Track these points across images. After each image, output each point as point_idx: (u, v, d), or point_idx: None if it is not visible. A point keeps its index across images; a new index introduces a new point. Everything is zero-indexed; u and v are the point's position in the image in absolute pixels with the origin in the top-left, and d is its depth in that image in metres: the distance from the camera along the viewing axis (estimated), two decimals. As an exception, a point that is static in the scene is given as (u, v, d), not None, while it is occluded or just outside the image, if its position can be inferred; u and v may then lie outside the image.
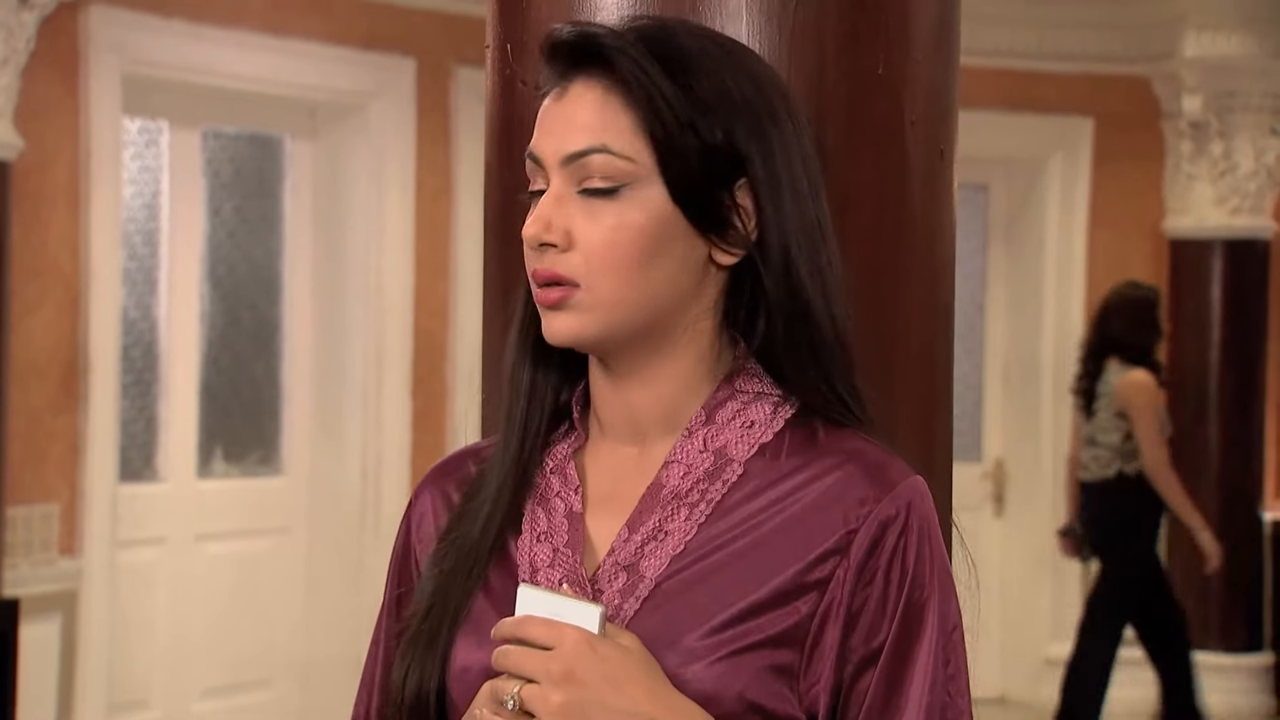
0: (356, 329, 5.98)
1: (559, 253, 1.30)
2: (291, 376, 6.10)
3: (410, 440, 5.99)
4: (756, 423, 1.34)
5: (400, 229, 5.98)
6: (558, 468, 1.38)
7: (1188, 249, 6.93)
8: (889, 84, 1.71)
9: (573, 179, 1.31)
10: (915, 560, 1.28)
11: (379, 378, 5.96)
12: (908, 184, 1.73)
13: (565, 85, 1.32)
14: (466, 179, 6.08)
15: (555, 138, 1.31)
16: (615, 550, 1.32)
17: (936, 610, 1.28)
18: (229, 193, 6.02)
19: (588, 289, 1.30)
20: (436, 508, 1.43)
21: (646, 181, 1.30)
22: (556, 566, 1.33)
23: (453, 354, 6.08)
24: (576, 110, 1.31)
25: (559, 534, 1.35)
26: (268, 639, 5.99)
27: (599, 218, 1.30)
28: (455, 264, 6.08)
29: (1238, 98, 6.77)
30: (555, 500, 1.36)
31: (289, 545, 6.06)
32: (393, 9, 5.93)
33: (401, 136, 5.98)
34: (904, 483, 1.31)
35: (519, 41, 1.77)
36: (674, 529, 1.31)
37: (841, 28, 1.69)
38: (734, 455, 1.33)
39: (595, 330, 1.31)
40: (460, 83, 6.06)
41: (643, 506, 1.33)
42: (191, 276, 5.87)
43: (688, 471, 1.33)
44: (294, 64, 5.81)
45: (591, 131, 1.30)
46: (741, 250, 1.33)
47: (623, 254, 1.29)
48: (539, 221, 1.30)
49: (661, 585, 1.29)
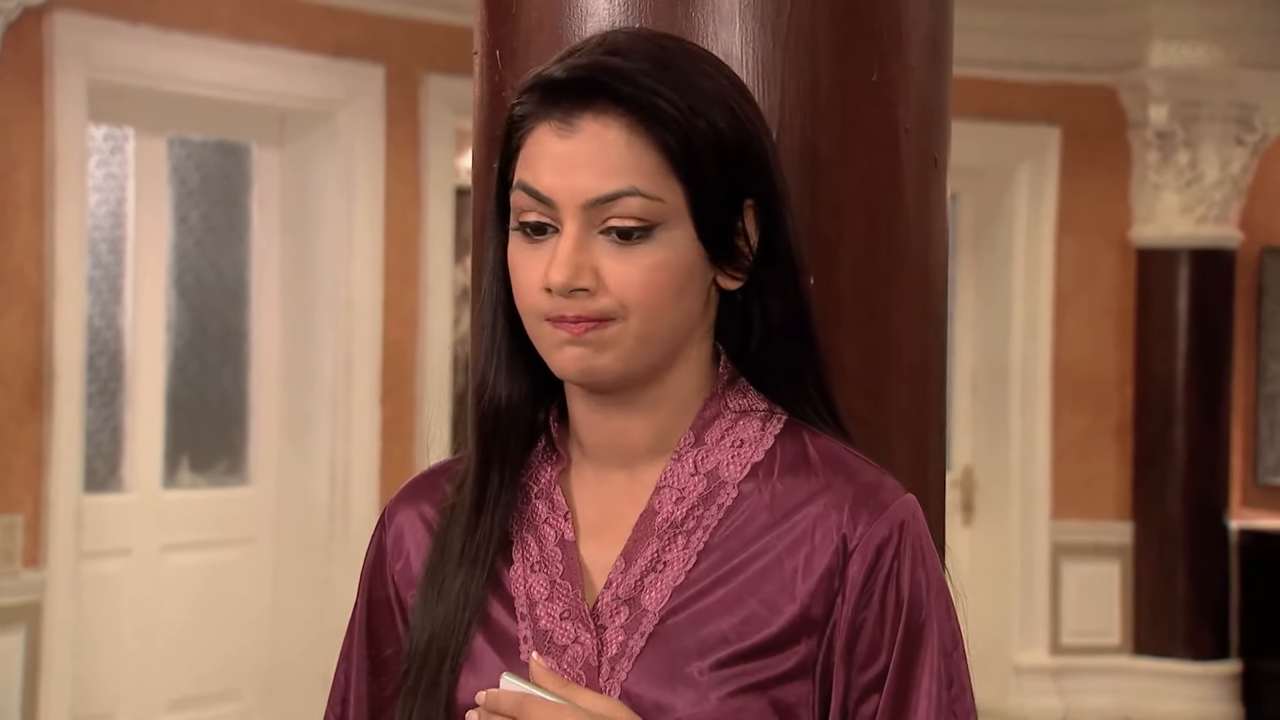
0: (325, 338, 5.94)
1: (589, 296, 1.27)
2: (259, 386, 6.05)
3: (379, 450, 5.95)
4: (746, 441, 1.32)
5: (369, 237, 5.94)
6: (543, 493, 1.35)
7: (1154, 258, 6.95)
8: (883, 91, 1.69)
9: (594, 220, 1.27)
10: (911, 582, 1.27)
11: (347, 387, 5.92)
12: (901, 192, 1.72)
13: (573, 121, 1.27)
14: (436, 187, 6.05)
15: (572, 179, 1.27)
16: (613, 582, 1.30)
17: (936, 631, 1.27)
18: (196, 201, 5.98)
19: (622, 325, 1.27)
20: (414, 526, 1.40)
21: (675, 220, 1.28)
22: (555, 600, 1.31)
23: (422, 363, 6.05)
24: (597, 150, 1.27)
25: (553, 564, 1.32)
26: (234, 650, 5.94)
27: (631, 259, 1.27)
28: (424, 273, 6.04)
29: (1203, 107, 6.80)
30: (544, 527, 1.34)
31: (256, 556, 6.02)
32: (362, 16, 5.90)
33: (370, 144, 5.94)
34: (896, 502, 1.30)
35: (508, 48, 1.74)
36: (672, 559, 1.29)
37: (834, 34, 1.67)
38: (726, 477, 1.31)
39: (621, 368, 1.29)
40: (429, 90, 6.03)
41: (637, 535, 1.31)
42: (157, 285, 5.82)
43: (680, 497, 1.31)
44: (262, 71, 5.77)
45: (620, 174, 1.26)
46: (744, 274, 1.32)
47: (658, 294, 1.27)
48: (567, 267, 1.26)
49: (665, 620, 1.27)
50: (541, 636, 1.30)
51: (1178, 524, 6.85)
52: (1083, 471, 6.97)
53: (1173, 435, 6.88)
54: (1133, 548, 6.97)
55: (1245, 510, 7.06)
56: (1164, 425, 6.90)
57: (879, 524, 1.28)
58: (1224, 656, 6.90)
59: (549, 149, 1.28)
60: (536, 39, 1.71)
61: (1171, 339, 6.88)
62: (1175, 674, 6.87)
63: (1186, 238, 6.88)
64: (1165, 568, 6.97)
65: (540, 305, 1.28)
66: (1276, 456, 7.16)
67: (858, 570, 1.27)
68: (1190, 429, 6.86)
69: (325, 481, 5.94)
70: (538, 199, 1.28)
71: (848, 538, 1.27)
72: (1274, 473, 7.14)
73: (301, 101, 5.93)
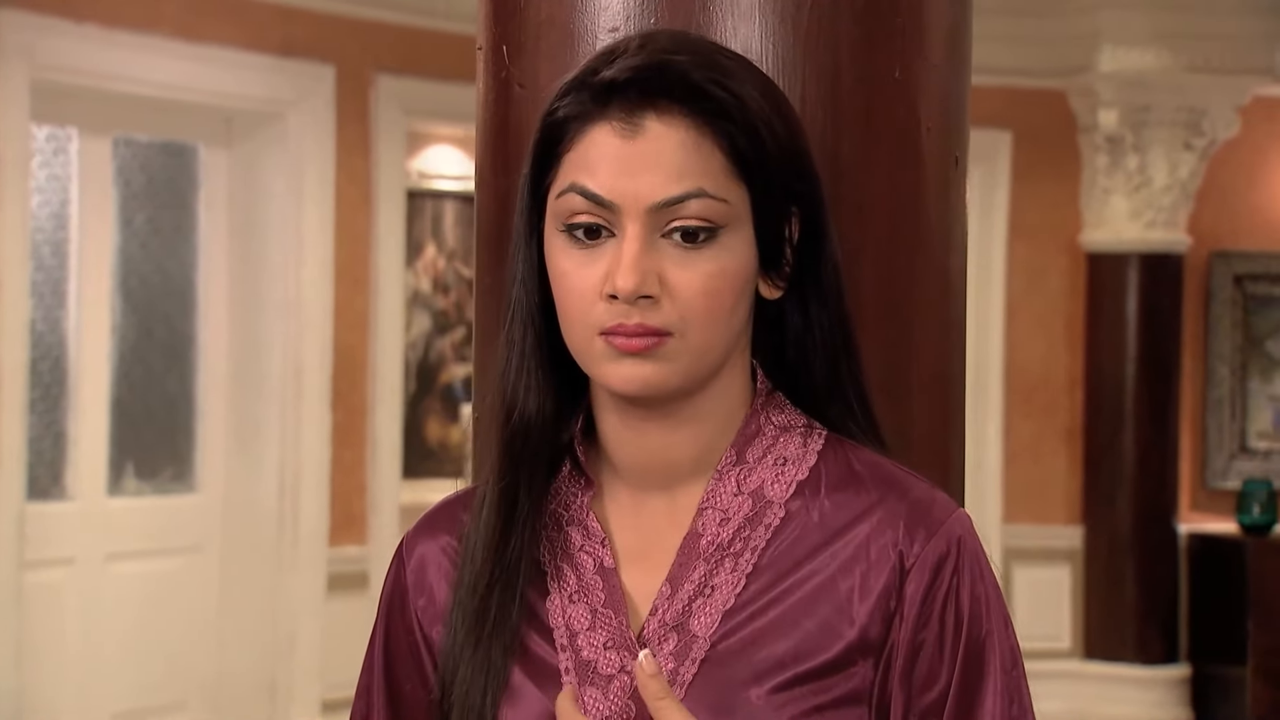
0: (274, 342, 5.86)
1: (651, 304, 1.22)
2: (206, 391, 5.97)
3: (330, 455, 5.88)
4: (789, 459, 1.28)
5: (319, 240, 5.87)
6: (574, 519, 1.30)
7: (1104, 262, 6.97)
8: (905, 89, 1.65)
9: (658, 224, 1.22)
10: (970, 598, 1.24)
11: (297, 392, 5.83)
12: (923, 193, 1.68)
13: (635, 121, 1.23)
14: (387, 189, 5.98)
15: (637, 181, 1.22)
16: (659, 609, 1.25)
17: (998, 649, 1.23)
18: (141, 202, 5.88)
19: (680, 337, 1.22)
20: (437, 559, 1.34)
21: (738, 224, 1.24)
22: (598, 629, 1.26)
23: (373, 367, 5.98)
24: (664, 151, 1.22)
25: (593, 593, 1.27)
26: (180, 661, 5.85)
27: (693, 264, 1.22)
28: (376, 276, 5.97)
29: (1152, 112, 6.82)
30: (581, 555, 1.28)
31: (202, 564, 5.93)
32: (311, 16, 5.82)
33: (320, 146, 5.87)
34: (951, 518, 1.26)
35: (516, 43, 1.69)
36: (721, 582, 1.25)
37: (856, 30, 1.62)
38: (772, 497, 1.27)
39: (678, 380, 1.24)
40: (380, 91, 5.96)
41: (682, 559, 1.26)
42: (102, 288, 5.72)
43: (725, 518, 1.26)
44: (209, 71, 5.69)
45: (687, 175, 1.22)
46: (785, 282, 1.29)
47: (719, 302, 1.23)
48: (635, 273, 1.21)
49: (717, 646, 1.23)
50: (584, 667, 1.26)
51: (1127, 528, 6.87)
52: (1033, 475, 6.97)
53: (1122, 439, 6.89)
54: (1083, 552, 6.98)
55: (1193, 514, 7.09)
56: (1114, 429, 6.91)
57: (936, 540, 1.24)
58: (1173, 661, 6.92)
59: (608, 150, 1.23)
60: (547, 34, 1.66)
61: (1121, 343, 6.90)
62: (1125, 678, 6.88)
63: (1136, 242, 6.91)
64: (1115, 572, 6.99)
65: (596, 316, 1.23)
66: (1224, 461, 7.20)
67: (916, 589, 1.23)
68: (1140, 433, 6.88)
69: (274, 488, 5.86)
70: (596, 202, 1.23)
71: (904, 555, 1.24)
72: (1222, 477, 7.17)
73: (249, 102, 5.84)
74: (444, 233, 6.62)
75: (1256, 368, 7.22)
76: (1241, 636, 6.70)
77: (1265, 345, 7.23)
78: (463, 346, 6.67)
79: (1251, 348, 7.22)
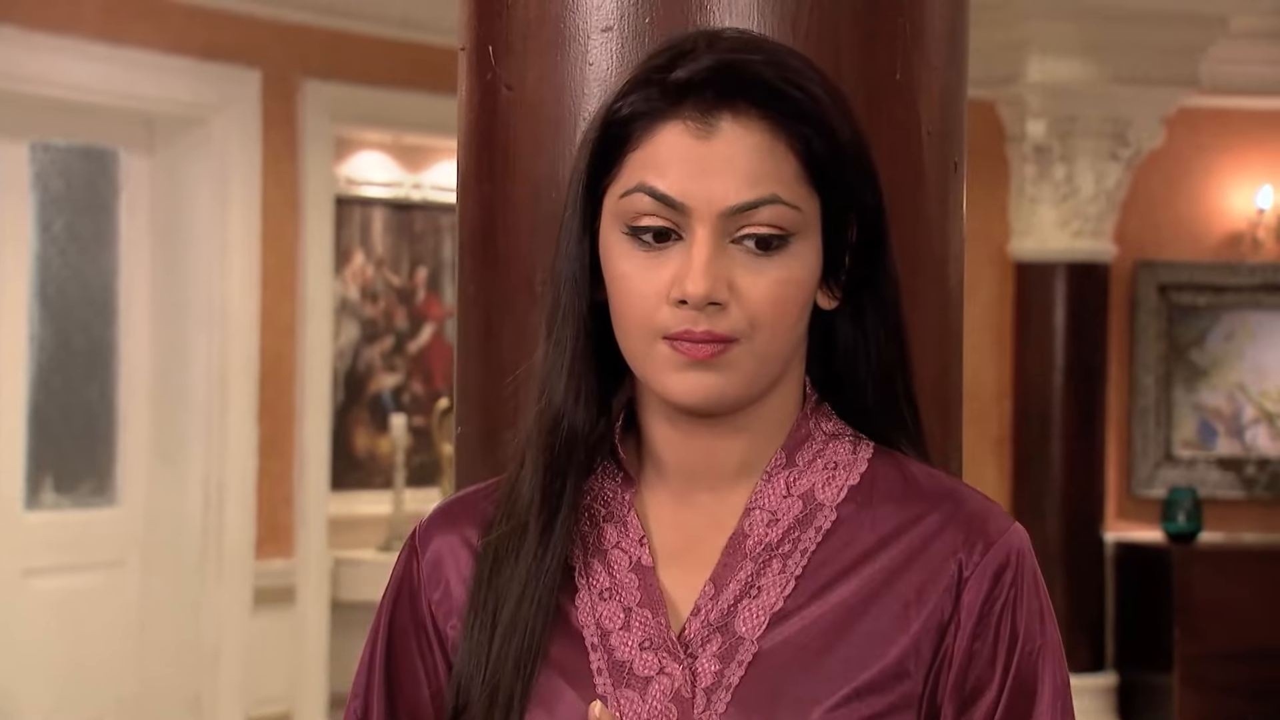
0: (198, 351, 5.74)
1: (720, 311, 1.18)
2: (127, 402, 5.84)
3: (256, 466, 5.78)
4: (840, 464, 1.25)
5: (245, 247, 5.76)
6: (612, 516, 1.25)
7: (1032, 271, 6.99)
8: (906, 90, 1.61)
9: (729, 229, 1.19)
10: (1027, 613, 1.21)
11: (222, 402, 5.72)
12: (923, 199, 1.63)
13: (711, 121, 1.19)
14: (314, 196, 5.89)
15: (711, 184, 1.18)
16: (701, 609, 1.21)
17: (1050, 665, 1.21)
18: (60, 208, 5.75)
19: (747, 343, 1.19)
20: (455, 552, 1.28)
21: (808, 231, 1.21)
22: (633, 629, 1.21)
23: (301, 376, 5.87)
24: (739, 154, 1.19)
25: (627, 591, 1.22)
26: (100, 678, 5.72)
27: (765, 272, 1.19)
28: (303, 284, 5.88)
29: (1079, 122, 6.85)
30: (614, 552, 1.24)
31: (124, 579, 5.80)
32: (235, 19, 5.71)
33: (245, 151, 5.76)
34: (1009, 530, 1.24)
35: (503, 42, 1.62)
36: (768, 584, 1.21)
37: (857, 30, 1.58)
38: (823, 500, 1.24)
39: (740, 390, 1.21)
40: (307, 96, 5.86)
41: (726, 560, 1.22)
42: (19, 297, 5.59)
43: (773, 519, 1.23)
44: (130, 74, 5.57)
45: (762, 180, 1.19)
46: (841, 291, 1.26)
47: (786, 310, 1.20)
48: (706, 277, 1.17)
49: (764, 650, 1.19)
50: (619, 668, 1.21)
51: (1055, 536, 6.88)
52: (962, 485, 6.97)
53: (1050, 449, 6.92)
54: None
55: (1120, 523, 7.12)
56: (1042, 438, 6.93)
57: (995, 551, 1.22)
58: (1100, 669, 6.95)
59: (681, 151, 1.19)
60: (536, 33, 1.60)
61: (1049, 352, 6.92)
62: (1053, 686, 6.89)
63: (1063, 251, 6.93)
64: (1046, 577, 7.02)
65: (661, 320, 1.19)
66: (1149, 469, 7.24)
67: (974, 598, 1.20)
68: (1067, 442, 6.90)
69: (198, 501, 5.74)
70: (666, 203, 1.19)
71: (964, 564, 1.21)
72: (1147, 485, 7.21)
73: (172, 106, 5.73)
74: (372, 240, 6.52)
75: (1180, 377, 7.27)
76: (1168, 644, 6.74)
77: (1189, 354, 7.28)
78: (391, 355, 6.57)
79: (1176, 357, 7.27)
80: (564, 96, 1.57)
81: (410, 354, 6.57)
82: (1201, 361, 7.28)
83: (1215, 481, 7.19)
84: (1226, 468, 7.23)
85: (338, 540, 6.12)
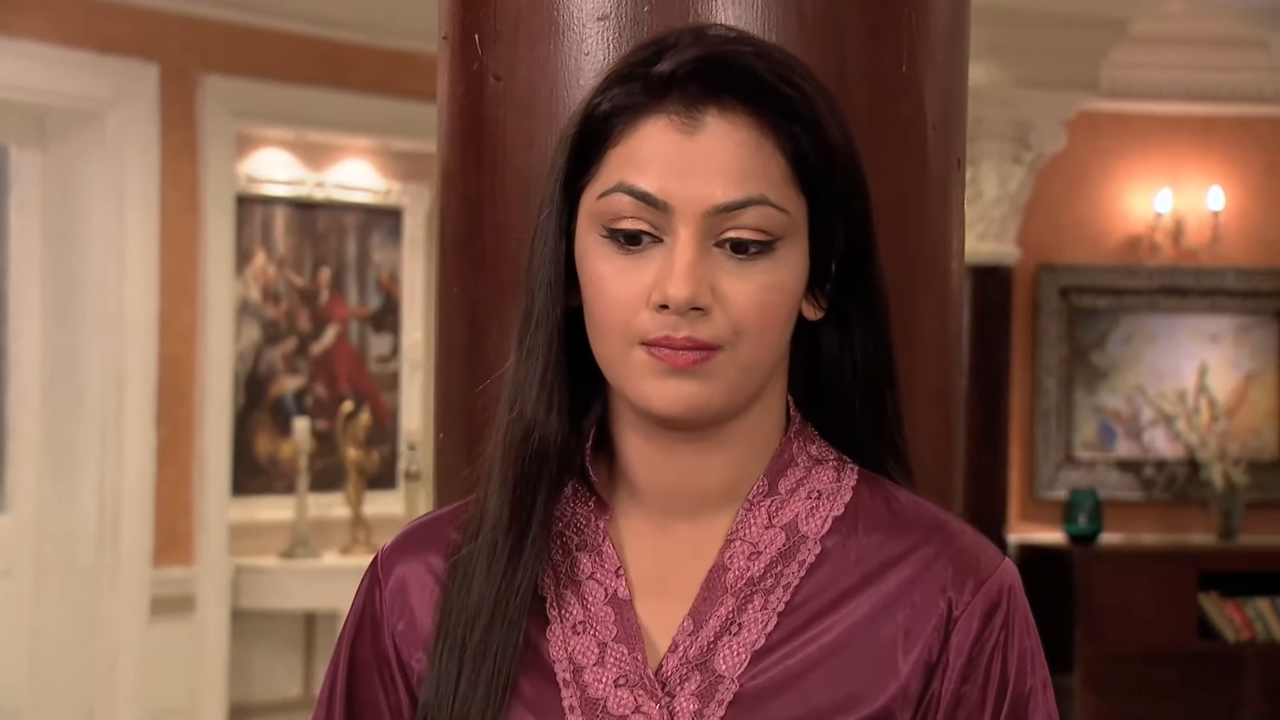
0: (93, 355, 5.57)
1: (702, 316, 1.12)
2: (17, 407, 5.66)
3: (154, 472, 5.62)
4: (823, 493, 1.19)
5: (142, 247, 5.59)
6: (586, 544, 1.19)
7: (935, 274, 6.99)
8: (911, 84, 1.56)
9: (712, 230, 1.13)
10: (1018, 653, 1.17)
11: (118, 407, 5.55)
12: (926, 196, 1.59)
13: (696, 117, 1.13)
14: (215, 195, 5.74)
15: (695, 183, 1.12)
16: (680, 645, 1.15)
17: (1041, 708, 1.17)
18: (-54, 206, 5.56)
19: (730, 351, 1.13)
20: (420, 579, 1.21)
21: (794, 235, 1.15)
22: (608, 665, 1.15)
23: (201, 380, 5.72)
24: (725, 151, 1.13)
25: (603, 625, 1.16)
26: (-10, 692, 5.53)
27: (749, 277, 1.13)
28: (203, 285, 5.73)
29: (983, 126, 6.87)
30: (589, 584, 1.18)
31: (14, 589, 5.62)
32: (132, 11, 5.55)
33: (143, 148, 5.59)
34: (1000, 568, 1.19)
35: (490, 31, 1.55)
36: (749, 620, 1.15)
37: (863, 20, 1.53)
38: (807, 532, 1.18)
39: (722, 400, 1.14)
40: (208, 92, 5.71)
41: (706, 594, 1.16)
42: (-96, 297, 5.39)
43: (755, 552, 1.17)
44: (20, 66, 5.40)
45: (749, 180, 1.13)
46: (826, 301, 1.20)
47: (771, 317, 1.14)
48: (690, 281, 1.11)
49: (745, 689, 1.13)
50: (592, 706, 1.15)
51: (958, 539, 6.90)
52: (866, 487, 6.98)
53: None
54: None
55: (1022, 524, 7.15)
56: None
57: (986, 589, 1.17)
58: (1003, 669, 6.97)
59: (664, 147, 1.13)
60: (527, 21, 1.53)
61: (953, 355, 6.93)
62: (957, 688, 6.92)
63: (968, 254, 6.91)
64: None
65: (641, 326, 1.13)
66: (1051, 471, 7.28)
67: (963, 639, 1.15)
68: (971, 444, 6.91)
69: (93, 509, 5.57)
70: (646, 203, 1.13)
71: (953, 603, 1.16)
72: (1049, 487, 7.25)
73: (65, 100, 5.56)
74: (274, 240, 6.37)
75: (1081, 379, 7.32)
76: (1069, 645, 6.77)
77: (1089, 356, 7.34)
78: (294, 358, 6.42)
79: (1077, 359, 7.32)
80: (558, 88, 1.50)
81: (313, 356, 6.43)
82: (1101, 364, 7.34)
83: (1115, 483, 7.25)
84: (1126, 469, 7.30)
85: (239, 547, 5.97)
